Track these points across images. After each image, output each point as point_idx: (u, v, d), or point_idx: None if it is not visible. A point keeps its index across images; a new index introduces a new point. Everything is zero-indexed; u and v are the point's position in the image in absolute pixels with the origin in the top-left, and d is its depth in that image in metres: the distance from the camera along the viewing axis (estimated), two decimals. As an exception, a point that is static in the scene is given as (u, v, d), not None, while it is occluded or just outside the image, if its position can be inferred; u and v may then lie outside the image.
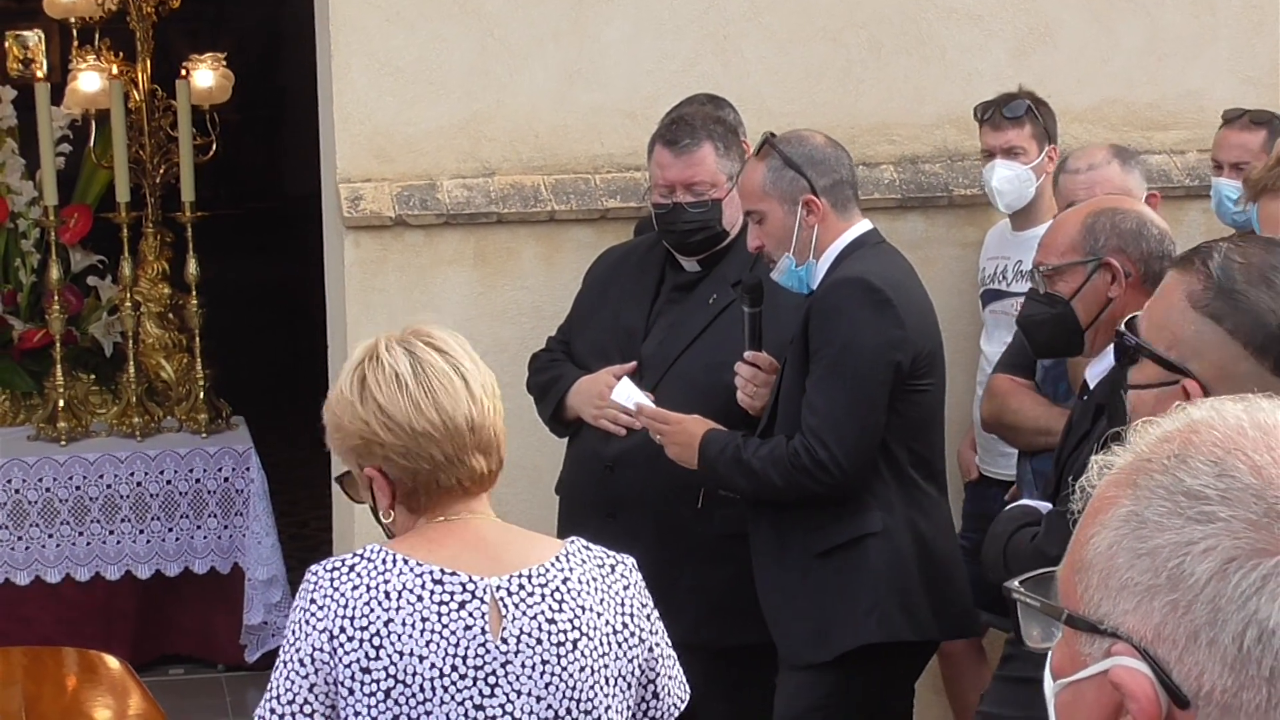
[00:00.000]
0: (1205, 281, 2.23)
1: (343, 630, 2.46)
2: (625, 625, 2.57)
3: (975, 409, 4.82)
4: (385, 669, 2.46)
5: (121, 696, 4.39)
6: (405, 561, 2.51)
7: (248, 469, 6.13)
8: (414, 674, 2.46)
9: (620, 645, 2.56)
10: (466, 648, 2.48)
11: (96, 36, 6.46)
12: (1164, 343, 2.22)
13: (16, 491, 5.99)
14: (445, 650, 2.47)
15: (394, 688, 2.46)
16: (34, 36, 6.38)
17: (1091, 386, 3.25)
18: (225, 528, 6.12)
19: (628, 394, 3.99)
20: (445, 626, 2.48)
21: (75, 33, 6.46)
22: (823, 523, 3.74)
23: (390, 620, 2.47)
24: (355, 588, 2.48)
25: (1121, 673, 1.11)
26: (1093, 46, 5.21)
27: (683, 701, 2.67)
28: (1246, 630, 1.07)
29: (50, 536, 6.01)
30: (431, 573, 2.50)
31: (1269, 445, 1.12)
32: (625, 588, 2.60)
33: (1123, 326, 2.34)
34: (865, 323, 3.66)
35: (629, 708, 2.59)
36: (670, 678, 2.65)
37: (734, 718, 4.06)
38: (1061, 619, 1.16)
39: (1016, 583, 1.22)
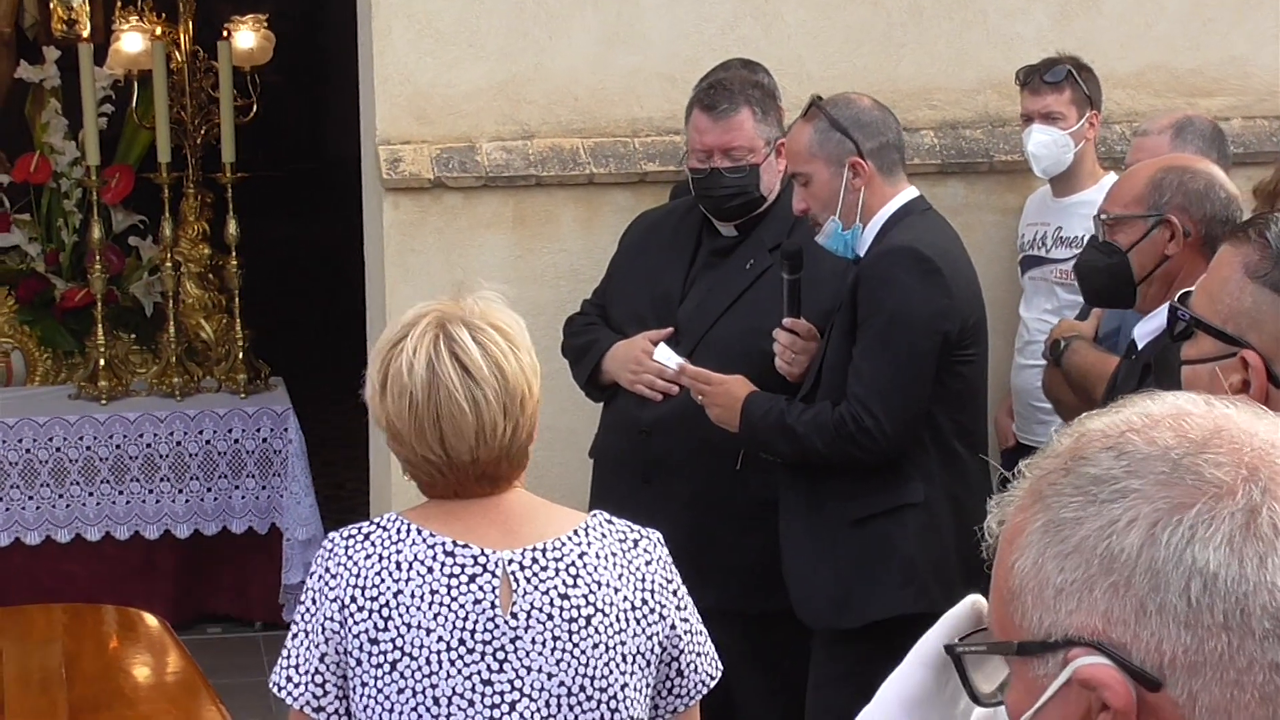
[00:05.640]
0: (1263, 251, 2.18)
1: (353, 600, 2.43)
2: (645, 601, 2.50)
3: (1014, 376, 4.80)
4: (393, 640, 2.42)
5: (160, 654, 4.43)
6: (419, 532, 2.46)
7: (286, 430, 6.15)
8: (420, 647, 2.41)
9: (638, 622, 2.49)
10: (475, 622, 2.42)
11: (139, -3, 6.48)
12: (1220, 315, 2.17)
13: (58, 450, 6.03)
14: (453, 624, 2.42)
15: (400, 660, 2.41)
16: (77, -3, 6.40)
17: (1140, 346, 3.23)
18: (263, 488, 6.15)
19: (667, 356, 3.98)
20: (454, 600, 2.42)
21: (118, -7, 6.49)
22: (861, 491, 3.72)
23: (400, 592, 2.42)
24: (368, 557, 2.45)
25: (1087, 669, 1.10)
26: (1136, 11, 5.16)
27: (712, 679, 2.60)
28: (1190, 583, 1.07)
29: (91, 495, 6.05)
30: (444, 544, 2.45)
31: (1154, 425, 1.14)
32: (648, 563, 2.52)
33: (1175, 300, 2.29)
34: (914, 292, 3.64)
35: (648, 685, 2.52)
36: (698, 654, 2.57)
37: (768, 683, 4.06)
38: (1012, 651, 1.15)
39: (957, 640, 1.22)
